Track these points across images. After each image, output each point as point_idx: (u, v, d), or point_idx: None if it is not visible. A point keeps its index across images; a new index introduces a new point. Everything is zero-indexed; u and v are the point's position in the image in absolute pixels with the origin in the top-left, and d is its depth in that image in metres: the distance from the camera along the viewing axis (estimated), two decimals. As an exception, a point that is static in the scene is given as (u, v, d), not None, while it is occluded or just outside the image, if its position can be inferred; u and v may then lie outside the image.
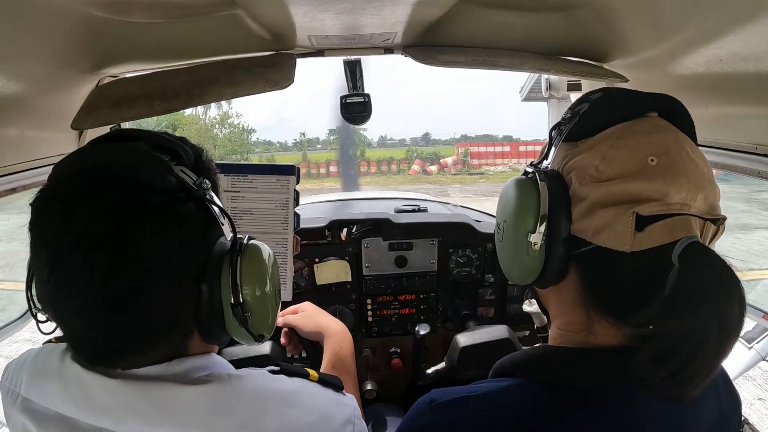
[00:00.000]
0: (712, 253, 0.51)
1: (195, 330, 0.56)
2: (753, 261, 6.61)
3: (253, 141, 30.85)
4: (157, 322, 0.52)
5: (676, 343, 0.48)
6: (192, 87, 0.93)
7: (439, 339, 1.58)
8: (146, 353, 0.53)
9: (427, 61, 1.08)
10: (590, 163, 0.56)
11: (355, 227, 1.54)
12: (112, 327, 0.50)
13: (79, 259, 0.47)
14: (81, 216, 0.48)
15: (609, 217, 0.53)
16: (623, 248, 0.52)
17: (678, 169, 0.53)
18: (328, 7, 0.81)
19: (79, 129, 1.11)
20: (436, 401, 0.60)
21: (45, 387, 0.54)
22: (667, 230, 0.51)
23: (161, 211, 0.50)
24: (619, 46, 0.98)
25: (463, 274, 1.59)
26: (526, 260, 0.60)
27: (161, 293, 0.51)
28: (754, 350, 1.83)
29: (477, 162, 26.30)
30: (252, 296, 0.56)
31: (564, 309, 0.62)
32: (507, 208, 0.63)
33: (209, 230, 0.56)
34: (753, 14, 0.63)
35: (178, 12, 0.85)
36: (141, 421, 0.51)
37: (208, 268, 0.54)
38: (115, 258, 0.48)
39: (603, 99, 0.61)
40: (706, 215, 0.53)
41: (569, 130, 0.60)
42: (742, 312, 0.49)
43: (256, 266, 0.57)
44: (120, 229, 0.48)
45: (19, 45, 0.74)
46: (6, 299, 1.50)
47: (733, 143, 0.91)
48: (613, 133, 0.56)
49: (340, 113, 1.30)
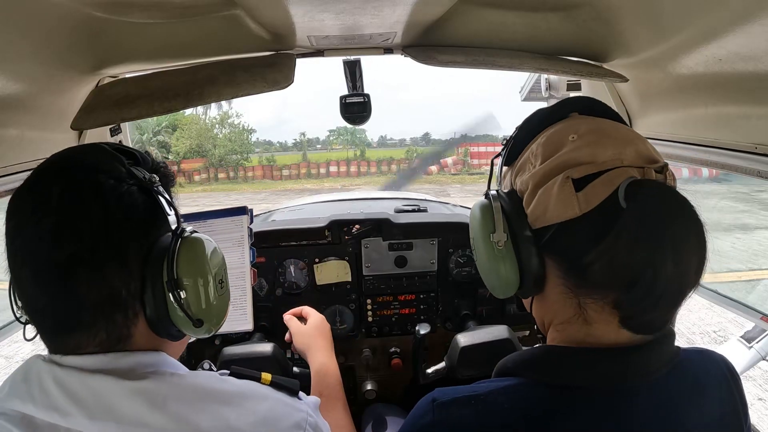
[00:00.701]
0: (654, 182, 0.54)
1: (140, 315, 0.58)
2: (753, 261, 6.60)
3: (253, 141, 30.89)
4: (100, 296, 0.54)
5: (635, 272, 0.52)
6: (192, 87, 0.93)
7: (439, 339, 1.58)
8: (90, 330, 0.55)
9: (426, 61, 1.08)
10: (526, 162, 0.63)
11: (355, 227, 1.54)
12: (58, 296, 0.54)
13: (32, 225, 0.53)
14: (40, 190, 0.55)
15: (549, 191, 0.57)
16: (574, 213, 0.55)
17: (600, 134, 0.58)
18: (327, 8, 0.81)
19: (78, 129, 1.11)
20: (438, 401, 0.60)
21: (14, 390, 0.56)
22: (605, 183, 0.54)
23: (108, 190, 0.56)
24: (619, 46, 0.98)
25: (463, 274, 1.59)
26: (499, 266, 0.63)
27: (104, 267, 0.54)
28: (754, 350, 1.83)
29: (477, 162, 26.30)
30: (191, 282, 0.59)
31: (556, 309, 0.62)
32: (472, 228, 0.70)
33: (156, 219, 0.60)
34: (753, 14, 0.63)
35: (178, 12, 0.85)
36: (84, 415, 0.53)
37: (152, 254, 0.58)
38: (61, 224, 0.53)
39: (530, 117, 0.68)
40: (645, 164, 0.56)
41: (507, 153, 0.68)
42: (700, 235, 0.52)
43: (194, 254, 0.60)
44: (70, 201, 0.54)
45: (20, 45, 0.74)
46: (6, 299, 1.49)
47: (733, 143, 0.91)
48: (539, 136, 0.63)
49: (340, 113, 1.30)
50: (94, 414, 0.53)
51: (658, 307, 0.54)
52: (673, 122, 1.06)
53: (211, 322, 0.62)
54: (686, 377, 0.60)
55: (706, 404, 0.60)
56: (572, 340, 0.60)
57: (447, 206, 2.32)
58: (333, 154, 33.22)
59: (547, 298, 0.63)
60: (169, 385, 0.56)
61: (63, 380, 0.54)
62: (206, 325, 0.61)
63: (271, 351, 1.23)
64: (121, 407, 0.53)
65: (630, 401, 0.56)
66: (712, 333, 4.43)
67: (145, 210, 0.59)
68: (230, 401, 0.58)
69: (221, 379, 0.62)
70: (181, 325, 0.60)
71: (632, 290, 0.53)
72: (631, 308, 0.55)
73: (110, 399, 0.53)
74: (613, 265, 0.53)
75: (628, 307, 0.55)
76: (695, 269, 0.53)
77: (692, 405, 0.58)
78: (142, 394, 0.54)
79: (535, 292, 0.64)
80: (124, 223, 0.56)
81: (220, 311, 0.64)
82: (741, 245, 7.11)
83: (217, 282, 0.63)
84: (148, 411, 0.53)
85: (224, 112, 28.68)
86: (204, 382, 0.59)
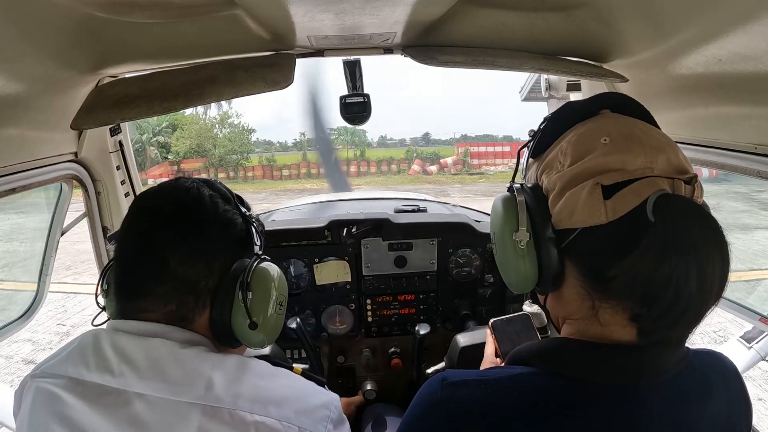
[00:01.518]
0: (683, 199, 0.53)
1: (207, 308, 0.68)
2: (753, 261, 6.60)
3: (253, 141, 30.87)
4: (183, 275, 0.66)
5: (659, 287, 0.51)
6: (192, 87, 0.93)
7: (439, 339, 1.58)
8: (164, 298, 0.66)
9: (426, 61, 1.08)
10: (554, 159, 0.62)
11: (355, 227, 1.54)
12: (150, 263, 0.66)
13: (149, 210, 0.69)
14: (166, 188, 0.72)
15: (577, 195, 0.56)
16: (600, 220, 0.54)
17: (632, 139, 0.57)
18: (327, 8, 0.81)
19: (78, 129, 1.11)
20: (447, 380, 0.60)
21: (70, 356, 0.64)
22: (635, 193, 0.54)
23: (215, 203, 0.70)
24: (619, 46, 0.98)
25: (462, 274, 1.59)
26: (519, 264, 0.62)
27: (194, 255, 0.66)
28: (753, 350, 1.83)
29: (477, 162, 26.30)
30: (258, 291, 0.70)
31: (571, 307, 0.62)
32: (495, 221, 0.69)
33: (247, 244, 0.73)
34: (753, 14, 0.63)
35: (178, 12, 0.85)
36: (135, 375, 0.60)
37: (235, 266, 0.70)
38: (170, 215, 0.67)
39: (559, 111, 0.67)
40: (674, 174, 0.56)
41: (534, 146, 0.66)
42: (725, 255, 0.52)
43: (266, 273, 0.73)
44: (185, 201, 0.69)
45: (20, 45, 0.74)
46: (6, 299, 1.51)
47: (733, 143, 0.91)
48: (570, 133, 0.62)
49: (340, 113, 1.30)
50: (144, 374, 0.60)
51: (678, 324, 0.53)
52: (673, 122, 1.06)
53: (265, 330, 0.71)
54: (696, 378, 0.60)
55: (714, 405, 0.60)
56: (587, 335, 0.60)
57: (447, 206, 2.31)
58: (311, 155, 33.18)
59: (563, 295, 0.63)
60: (216, 356, 0.64)
61: (120, 344, 0.62)
62: (260, 332, 0.70)
63: (270, 350, 1.23)
64: (170, 368, 0.60)
65: (642, 399, 0.56)
66: (712, 333, 4.43)
67: (240, 233, 0.72)
68: (267, 377, 0.67)
69: (259, 361, 0.70)
70: (236, 329, 0.69)
71: (653, 307, 0.52)
72: (650, 324, 0.54)
73: (161, 360, 0.61)
74: (637, 281, 0.52)
75: (647, 323, 0.54)
76: (717, 289, 0.53)
77: (702, 405, 0.59)
78: (191, 359, 0.62)
79: (551, 289, 0.64)
80: (220, 232, 0.69)
81: (275, 327, 0.74)
82: (741, 245, 7.09)
83: (278, 303, 0.74)
84: (195, 374, 0.61)
85: (224, 112, 28.69)
86: (246, 359, 0.67)
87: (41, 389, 0.60)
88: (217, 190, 0.73)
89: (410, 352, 1.53)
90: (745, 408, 0.64)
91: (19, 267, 1.68)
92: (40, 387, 0.61)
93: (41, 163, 1.05)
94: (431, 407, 0.59)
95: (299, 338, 1.30)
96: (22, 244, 0.56)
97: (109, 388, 0.59)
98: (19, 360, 4.54)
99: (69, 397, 0.59)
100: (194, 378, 0.60)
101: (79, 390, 0.59)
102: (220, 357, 0.65)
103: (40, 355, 4.59)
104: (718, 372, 0.63)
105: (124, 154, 1.39)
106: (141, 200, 0.72)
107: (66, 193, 1.33)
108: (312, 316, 1.57)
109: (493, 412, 0.56)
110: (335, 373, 1.68)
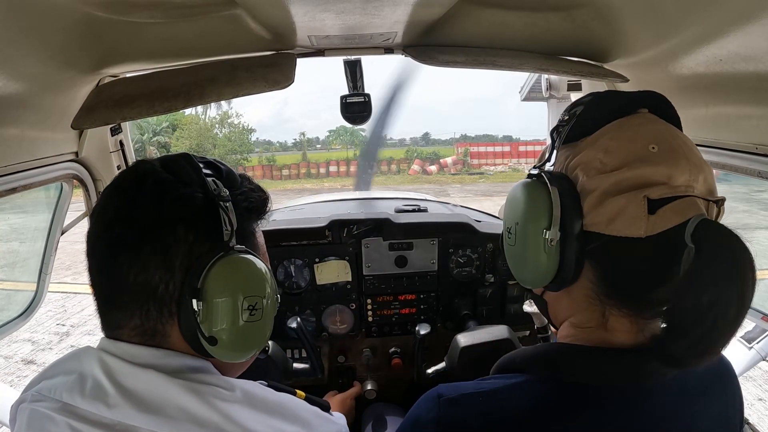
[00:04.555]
0: (723, 228, 0.52)
1: (175, 319, 0.58)
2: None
3: (253, 141, 30.88)
4: (137, 282, 0.57)
5: (697, 316, 0.49)
6: (192, 87, 0.93)
7: (439, 339, 1.58)
8: (126, 311, 0.58)
9: (427, 61, 1.08)
10: (594, 157, 0.57)
11: (355, 227, 1.54)
12: (105, 272, 0.59)
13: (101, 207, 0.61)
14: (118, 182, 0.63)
15: (620, 204, 0.54)
16: (638, 234, 0.53)
17: (678, 153, 0.55)
18: (328, 7, 0.81)
19: (79, 128, 1.11)
20: (444, 396, 0.59)
21: (64, 379, 0.58)
22: (676, 212, 0.52)
23: (167, 187, 0.59)
24: (619, 46, 0.98)
25: (463, 274, 1.59)
26: (541, 261, 0.59)
27: (145, 256, 0.57)
28: (754, 350, 1.83)
29: (477, 162, 26.31)
30: (215, 297, 0.57)
31: (576, 308, 0.61)
32: (518, 211, 0.63)
33: (213, 232, 0.59)
34: (753, 14, 0.63)
35: (178, 12, 0.84)
36: (132, 407, 0.54)
37: (198, 263, 0.58)
38: (120, 209, 0.59)
39: (596, 99, 0.64)
40: (708, 196, 0.55)
41: (568, 131, 0.62)
42: (755, 280, 0.51)
43: (229, 271, 0.58)
44: (134, 191, 0.59)
45: (20, 45, 0.73)
46: (6, 299, 1.50)
47: (733, 143, 0.91)
48: (611, 128, 0.59)
49: (341, 113, 1.30)
50: (144, 407, 0.54)
51: (706, 354, 0.52)
52: (674, 122, 1.06)
53: (231, 346, 0.59)
54: (695, 377, 0.60)
55: (714, 403, 0.60)
56: (587, 340, 0.60)
57: (447, 206, 2.31)
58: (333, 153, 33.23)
59: (570, 295, 0.62)
60: (218, 388, 0.57)
61: (114, 372, 0.56)
62: (223, 348, 0.58)
63: (270, 350, 1.23)
64: (173, 403, 0.55)
65: (643, 401, 0.56)
66: (711, 333, 4.42)
67: (205, 220, 0.59)
68: (275, 409, 0.61)
69: (263, 388, 0.63)
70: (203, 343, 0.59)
71: (685, 336, 0.51)
72: (677, 351, 0.52)
73: (162, 394, 0.55)
74: (677, 305, 0.52)
75: (673, 349, 0.52)
76: (742, 318, 0.51)
77: (702, 404, 0.59)
78: (194, 392, 0.55)
79: (561, 287, 0.62)
80: (174, 223, 0.57)
81: (246, 338, 0.60)
82: (741, 245, 7.09)
83: (246, 307, 0.59)
84: (200, 408, 0.55)
85: (224, 111, 28.70)
86: (251, 388, 0.61)
87: (36, 411, 0.57)
88: (177, 168, 0.61)
89: (411, 352, 1.53)
90: (740, 403, 0.64)
91: (19, 267, 1.68)
92: (34, 410, 0.57)
93: (42, 163, 1.05)
94: (429, 426, 0.58)
95: (299, 338, 1.30)
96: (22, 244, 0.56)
97: (104, 418, 0.55)
98: (18, 360, 4.54)
99: (63, 421, 0.55)
100: (200, 413, 0.55)
101: (73, 417, 0.55)
102: (223, 387, 0.58)
103: (39, 355, 4.59)
104: (714, 369, 0.63)
105: (124, 153, 1.39)
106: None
107: (66, 192, 1.33)
108: (312, 316, 1.57)
109: (495, 427, 0.55)
110: (336, 372, 1.68)
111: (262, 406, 0.60)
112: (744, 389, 0.65)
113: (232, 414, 0.56)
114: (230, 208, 0.60)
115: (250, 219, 0.67)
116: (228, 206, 0.60)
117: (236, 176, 0.67)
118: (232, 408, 0.57)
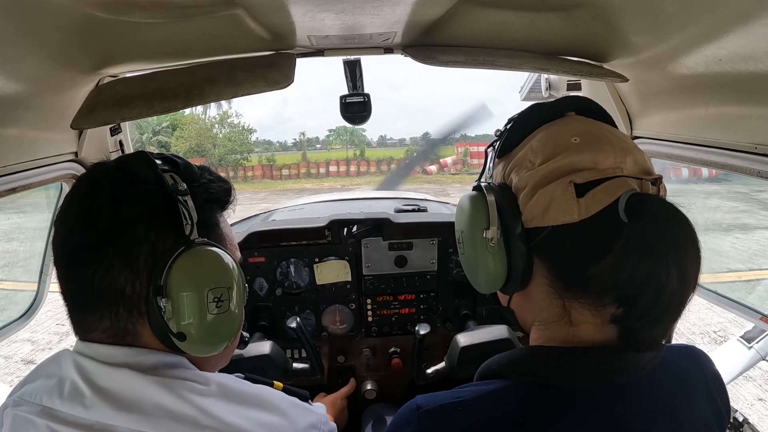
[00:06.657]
0: (656, 199, 0.54)
1: (145, 318, 0.59)
2: (753, 261, 6.60)
3: (252, 141, 30.88)
4: (102, 286, 0.57)
5: (639, 286, 0.52)
6: (192, 87, 0.93)
7: (439, 339, 1.58)
8: (95, 315, 0.59)
9: (427, 61, 1.08)
10: (524, 158, 0.62)
11: (355, 227, 1.54)
12: (69, 278, 0.60)
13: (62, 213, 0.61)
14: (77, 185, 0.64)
15: (549, 193, 0.56)
16: (572, 218, 0.55)
17: (602, 140, 0.58)
18: (327, 7, 0.81)
19: (78, 128, 1.11)
20: (422, 408, 0.58)
21: (43, 382, 0.59)
22: (607, 192, 0.54)
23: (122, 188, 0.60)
24: (619, 46, 0.98)
25: (463, 273, 1.58)
26: (488, 262, 0.62)
27: (108, 260, 0.57)
28: (753, 350, 1.83)
29: (477, 162, 26.30)
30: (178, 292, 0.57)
31: (539, 308, 0.62)
32: (462, 221, 0.68)
33: (175, 228, 0.59)
34: (753, 14, 0.62)
35: (178, 12, 0.84)
36: (109, 406, 0.55)
37: (162, 260, 0.58)
38: (80, 214, 0.59)
39: (526, 111, 0.67)
40: (641, 175, 0.57)
41: (501, 145, 0.66)
42: (697, 249, 0.53)
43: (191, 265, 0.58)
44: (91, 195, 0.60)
45: (20, 45, 0.73)
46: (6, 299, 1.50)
47: (733, 143, 0.91)
48: (538, 132, 0.63)
49: (340, 113, 1.30)
50: (120, 406, 0.55)
51: (661, 321, 0.54)
52: (673, 122, 1.06)
53: (201, 340, 0.59)
54: (673, 374, 0.60)
55: (698, 399, 0.60)
56: (556, 339, 0.60)
57: (447, 206, 2.31)
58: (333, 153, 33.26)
59: (530, 296, 0.63)
60: (193, 382, 0.59)
61: (89, 373, 0.57)
62: (191, 342, 0.58)
63: (270, 350, 1.23)
64: (148, 400, 0.56)
65: (620, 399, 0.56)
66: (712, 333, 4.43)
67: (165, 216, 0.59)
68: (251, 401, 0.62)
69: (240, 381, 0.64)
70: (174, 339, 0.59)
71: (634, 307, 0.53)
72: (633, 324, 0.54)
73: (137, 391, 0.56)
74: (616, 282, 0.53)
75: (629, 323, 0.54)
76: (693, 281, 0.54)
77: (686, 400, 0.59)
78: (168, 388, 0.57)
79: (519, 288, 0.63)
80: (132, 223, 0.58)
81: (214, 331, 0.60)
82: (741, 245, 7.10)
83: (212, 299, 0.59)
84: (175, 403, 0.56)
85: (224, 111, 28.72)
86: (227, 381, 0.62)
87: (18, 416, 0.58)
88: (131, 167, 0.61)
89: (410, 352, 1.53)
90: (723, 402, 0.64)
91: (19, 267, 1.69)
92: (17, 414, 0.58)
93: (41, 163, 1.05)
94: None
95: (299, 338, 1.30)
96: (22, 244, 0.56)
97: (82, 419, 0.55)
98: (18, 360, 4.54)
99: (43, 424, 0.56)
100: (176, 408, 0.56)
101: (53, 420, 0.56)
102: (198, 381, 0.59)
103: (39, 355, 4.60)
104: (694, 363, 0.64)
105: (124, 153, 1.39)
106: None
107: (66, 192, 1.33)
108: (312, 316, 1.57)
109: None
110: (335, 372, 1.68)
111: (239, 399, 0.61)
112: (744, 389, 0.65)
113: (208, 407, 0.57)
114: (189, 201, 0.60)
115: (212, 210, 0.67)
116: (186, 200, 0.60)
117: (194, 169, 0.67)
118: (208, 402, 0.58)
